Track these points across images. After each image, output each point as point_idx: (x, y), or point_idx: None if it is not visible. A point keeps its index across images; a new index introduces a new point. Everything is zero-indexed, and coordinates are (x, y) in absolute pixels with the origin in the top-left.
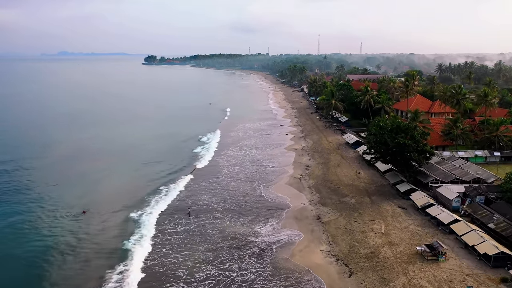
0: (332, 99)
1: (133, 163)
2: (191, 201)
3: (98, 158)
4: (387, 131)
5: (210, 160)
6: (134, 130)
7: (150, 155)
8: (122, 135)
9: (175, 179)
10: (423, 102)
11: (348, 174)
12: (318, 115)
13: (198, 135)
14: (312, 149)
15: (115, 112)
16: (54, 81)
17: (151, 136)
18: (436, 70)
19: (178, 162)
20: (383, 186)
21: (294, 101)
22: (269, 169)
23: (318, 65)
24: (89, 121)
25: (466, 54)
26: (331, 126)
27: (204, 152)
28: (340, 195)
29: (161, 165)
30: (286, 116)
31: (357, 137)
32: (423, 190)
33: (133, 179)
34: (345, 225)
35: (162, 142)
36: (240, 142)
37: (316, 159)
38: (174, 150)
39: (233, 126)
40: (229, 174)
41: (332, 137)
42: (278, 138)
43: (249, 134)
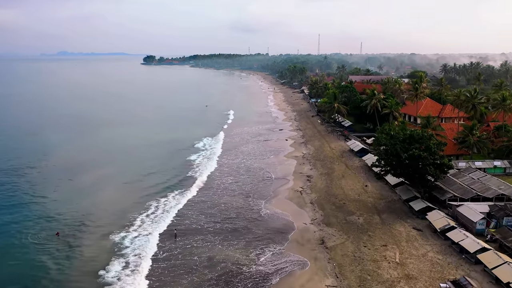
0: (334, 102)
1: (123, 175)
2: (178, 219)
3: (85, 170)
4: (399, 142)
5: (204, 170)
6: (126, 135)
7: (141, 165)
8: (112, 141)
9: (166, 193)
10: (433, 106)
11: (354, 187)
12: (320, 119)
13: (193, 140)
14: (313, 157)
15: (107, 115)
16: (48, 81)
17: (142, 142)
18: (441, 70)
19: (170, 173)
20: (394, 202)
21: (294, 103)
22: (267, 180)
23: (318, 65)
24: (80, 124)
25: (469, 54)
26: (333, 131)
27: (200, 160)
28: (346, 213)
29: (152, 178)
30: (286, 119)
31: (362, 144)
32: (441, 208)
33: (120, 194)
34: (353, 251)
35: (154, 149)
36: (236, 148)
37: (318, 169)
38: (167, 159)
39: (229, 131)
40: (222, 186)
41: (335, 143)
42: (277, 144)
43: (246, 139)
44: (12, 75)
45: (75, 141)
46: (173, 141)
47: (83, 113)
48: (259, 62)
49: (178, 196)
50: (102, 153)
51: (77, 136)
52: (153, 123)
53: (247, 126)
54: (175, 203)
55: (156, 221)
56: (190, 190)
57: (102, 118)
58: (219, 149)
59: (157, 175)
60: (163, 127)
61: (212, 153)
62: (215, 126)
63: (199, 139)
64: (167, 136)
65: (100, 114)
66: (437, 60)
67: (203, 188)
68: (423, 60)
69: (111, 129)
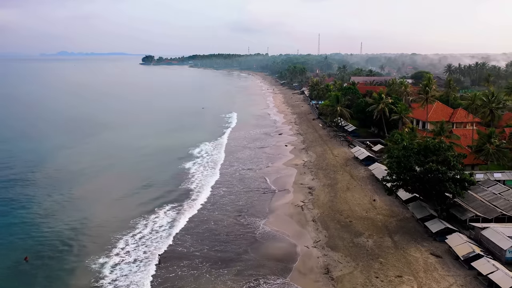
0: (337, 105)
1: (111, 189)
2: (162, 242)
3: (72, 182)
4: (413, 153)
5: (196, 181)
6: (117, 140)
7: (132, 177)
8: (103, 147)
9: (154, 210)
10: (443, 110)
11: (361, 201)
12: (321, 122)
13: (187, 147)
14: (315, 165)
15: (98, 117)
16: (42, 81)
17: (133, 150)
18: (445, 71)
19: (162, 185)
20: (407, 221)
21: (294, 105)
22: (264, 193)
23: (318, 65)
24: (70, 128)
25: (471, 54)
26: (336, 136)
27: (195, 170)
28: (353, 233)
29: (143, 193)
30: (286, 122)
31: (368, 151)
32: (461, 230)
33: (106, 211)
34: (363, 283)
35: (146, 157)
36: (231, 155)
37: (320, 179)
38: (159, 169)
39: (225, 135)
40: (212, 200)
41: (338, 150)
42: (276, 150)
43: (243, 145)
44: (5, 76)
45: (64, 148)
46: (166, 148)
47: (74, 116)
48: (259, 62)
49: (170, 213)
50: (92, 162)
51: (67, 142)
52: (145, 127)
53: (244, 130)
54: (164, 223)
55: (142, 243)
56: (182, 207)
57: (94, 121)
58: (214, 156)
59: (148, 189)
60: (156, 131)
61: (207, 161)
62: (210, 130)
63: (194, 145)
64: (160, 142)
65: (92, 116)
66: (439, 60)
67: (193, 203)
68: (425, 60)
69: (102, 133)
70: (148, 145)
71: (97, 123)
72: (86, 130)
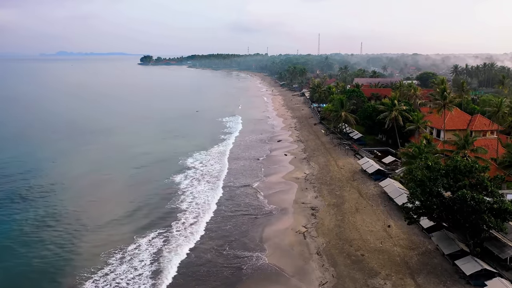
0: (341, 111)
1: (86, 213)
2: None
3: (45, 207)
4: (440, 176)
5: (186, 200)
6: (101, 154)
7: (116, 196)
8: (88, 157)
9: (133, 240)
10: (459, 117)
11: (374, 227)
12: (324, 128)
13: (178, 156)
14: (318, 179)
15: (87, 121)
16: (34, 81)
17: (119, 162)
18: (451, 72)
19: (145, 208)
20: (431, 255)
21: (294, 108)
22: (259, 214)
23: (319, 66)
24: (57, 134)
25: (474, 54)
26: (340, 144)
27: (185, 186)
28: (366, 273)
29: (120, 221)
30: (285, 127)
31: (377, 163)
32: (502, 272)
33: (77, 240)
34: None
35: (131, 172)
36: (225, 167)
37: (325, 197)
38: (143, 187)
39: (218, 143)
40: (196, 227)
41: (344, 161)
42: (274, 159)
43: (237, 155)
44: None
45: (47, 160)
46: (156, 158)
47: (62, 120)
48: (258, 63)
49: (155, 242)
50: (72, 180)
51: (52, 152)
52: (135, 134)
53: (240, 137)
54: (146, 256)
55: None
56: (167, 234)
57: (80, 125)
58: (208, 168)
59: (132, 212)
60: (146, 138)
61: (200, 173)
62: (204, 137)
63: (186, 155)
64: (149, 152)
65: (78, 120)
66: (443, 61)
67: (182, 226)
68: (427, 60)
69: (87, 141)
70: (136, 155)
71: (83, 128)
72: (73, 137)
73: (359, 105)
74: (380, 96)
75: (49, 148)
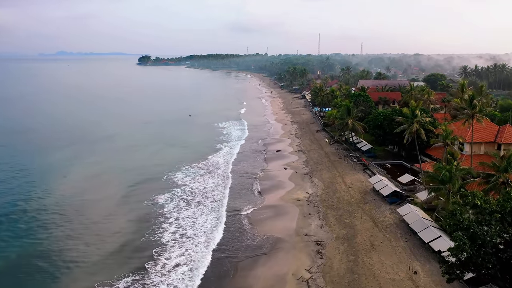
0: (348, 118)
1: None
2: None
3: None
4: (495, 222)
5: (170, 228)
6: (76, 175)
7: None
8: (63, 185)
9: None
10: (485, 127)
11: (396, 273)
12: (327, 136)
13: (162, 171)
14: (324, 200)
15: (66, 129)
16: (26, 82)
17: (93, 188)
18: (460, 73)
19: (118, 241)
20: None
21: (295, 111)
22: (251, 251)
23: (320, 66)
24: (36, 141)
25: (478, 54)
26: (347, 156)
27: (168, 210)
28: None
29: (88, 263)
30: (285, 134)
31: (392, 182)
32: None
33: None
34: None
35: (106, 194)
36: (214, 185)
37: (332, 227)
38: (121, 212)
39: (210, 152)
40: (171, 265)
41: (351, 177)
42: (271, 174)
43: (231, 169)
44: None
45: (20, 173)
46: (139, 176)
47: (43, 125)
48: (257, 63)
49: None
50: (39, 213)
51: (26, 164)
52: (121, 143)
53: (235, 147)
54: None
55: None
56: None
57: (59, 133)
58: (196, 184)
59: (105, 247)
60: (132, 148)
61: (188, 192)
62: (196, 145)
63: (173, 169)
64: (132, 166)
65: (60, 127)
66: (447, 61)
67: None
68: (430, 61)
69: (62, 156)
70: (110, 170)
71: (63, 137)
72: (50, 148)
73: (366, 111)
74: (388, 100)
75: (33, 169)
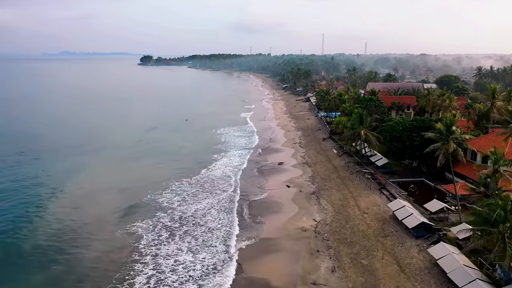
0: (361, 128)
1: None
2: None
3: None
4: None
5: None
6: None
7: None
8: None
9: None
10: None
11: None
12: (335, 146)
13: (144, 190)
14: (334, 231)
15: (49, 139)
16: (27, 82)
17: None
18: (475, 74)
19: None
20: None
21: (299, 116)
22: None
23: (324, 67)
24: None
25: (487, 54)
26: (359, 172)
27: (146, 242)
28: None
29: None
30: (288, 143)
31: (415, 209)
32: None
33: None
34: None
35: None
36: (199, 207)
37: (346, 271)
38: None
39: (205, 164)
40: None
41: (366, 198)
42: (272, 194)
43: (219, 189)
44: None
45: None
46: (114, 192)
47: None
48: (260, 63)
49: None
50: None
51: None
52: (107, 155)
53: (233, 155)
54: None
55: None
56: None
57: (41, 144)
58: (182, 208)
59: None
60: (117, 161)
61: (175, 216)
62: (190, 156)
63: (161, 186)
64: (114, 185)
65: (44, 136)
66: (457, 62)
67: None
68: (438, 61)
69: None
70: (91, 192)
71: (46, 147)
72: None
73: (378, 116)
74: (402, 105)
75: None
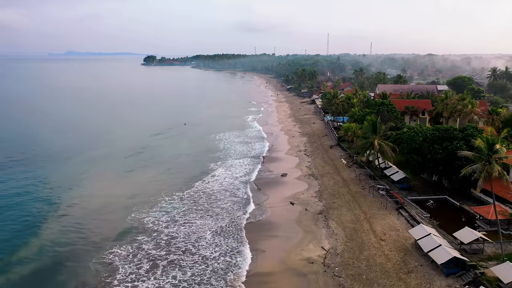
0: (374, 137)
1: None
2: None
3: None
4: None
5: None
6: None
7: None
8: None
9: None
10: None
11: None
12: (345, 156)
13: (129, 207)
14: (347, 264)
15: (40, 146)
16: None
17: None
18: (489, 76)
19: None
20: None
21: (303, 120)
22: None
23: (329, 67)
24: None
25: (496, 55)
26: (373, 187)
27: (124, 274)
28: None
29: None
30: (292, 150)
31: (445, 239)
32: None
33: None
34: None
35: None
36: (191, 229)
37: None
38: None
39: (200, 176)
40: None
41: (382, 221)
42: (274, 215)
43: (215, 206)
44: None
45: None
46: (94, 210)
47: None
48: (264, 63)
49: None
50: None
51: None
52: (96, 166)
53: (232, 166)
54: None
55: None
56: None
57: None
58: (170, 230)
59: None
60: (107, 172)
61: (143, 249)
62: (185, 165)
63: (143, 202)
64: (100, 200)
65: (33, 143)
66: (467, 62)
67: None
68: (446, 62)
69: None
70: (69, 208)
71: (35, 156)
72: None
73: (391, 122)
74: (417, 110)
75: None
